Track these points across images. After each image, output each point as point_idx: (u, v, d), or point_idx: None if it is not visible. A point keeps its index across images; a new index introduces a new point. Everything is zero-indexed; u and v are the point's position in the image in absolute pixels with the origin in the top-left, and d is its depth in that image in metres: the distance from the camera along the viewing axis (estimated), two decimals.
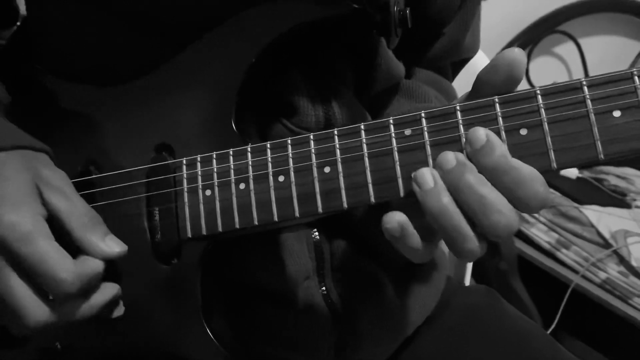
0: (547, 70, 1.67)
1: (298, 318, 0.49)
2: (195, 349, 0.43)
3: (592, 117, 0.34)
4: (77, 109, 0.48)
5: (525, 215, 1.33)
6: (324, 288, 0.50)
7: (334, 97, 0.48)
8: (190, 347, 0.43)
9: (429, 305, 0.58)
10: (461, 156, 0.35)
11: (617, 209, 1.30)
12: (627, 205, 1.34)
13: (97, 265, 0.40)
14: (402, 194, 0.38)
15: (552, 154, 0.34)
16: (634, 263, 1.15)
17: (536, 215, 1.31)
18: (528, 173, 0.33)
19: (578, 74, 1.71)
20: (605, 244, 1.21)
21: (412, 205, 0.36)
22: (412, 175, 0.36)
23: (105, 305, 0.41)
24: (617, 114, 0.34)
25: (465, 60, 0.65)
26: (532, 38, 1.58)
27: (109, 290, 0.42)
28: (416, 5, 0.49)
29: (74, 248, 0.40)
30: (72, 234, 0.40)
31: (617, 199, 1.36)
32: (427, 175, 0.35)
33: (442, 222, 0.34)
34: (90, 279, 0.39)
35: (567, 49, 1.67)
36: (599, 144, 0.34)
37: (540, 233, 1.29)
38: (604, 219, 1.25)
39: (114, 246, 0.41)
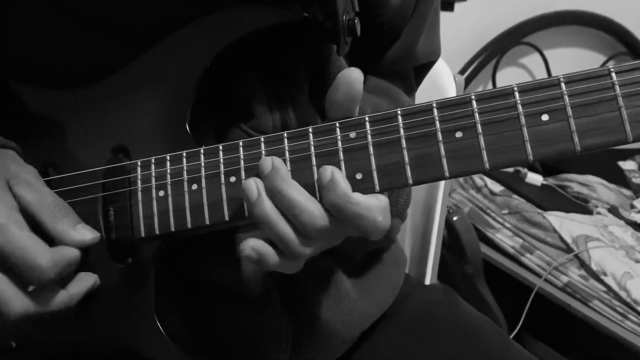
0: (514, 80, 1.70)
1: (255, 314, 0.50)
2: (149, 347, 0.44)
3: (522, 120, 0.36)
4: (36, 111, 0.49)
5: (491, 221, 1.36)
6: (281, 284, 0.51)
7: (290, 102, 0.50)
8: (144, 345, 0.44)
9: (386, 300, 0.60)
10: (277, 161, 0.38)
11: (579, 215, 1.34)
12: (589, 212, 1.37)
13: (73, 251, 0.40)
14: None
15: (484, 155, 0.36)
16: (593, 267, 1.19)
17: (501, 220, 1.35)
18: (365, 207, 0.37)
19: None
20: (567, 249, 1.24)
21: None
22: (242, 186, 0.38)
23: (84, 294, 0.42)
24: (545, 117, 0.36)
25: (428, 65, 0.66)
26: (498, 49, 1.62)
27: (87, 280, 0.42)
28: (367, 13, 0.51)
29: (48, 240, 0.40)
30: (44, 225, 0.41)
31: (580, 206, 1.40)
32: (252, 186, 0.38)
33: (267, 228, 0.38)
34: (67, 265, 0.40)
35: (532, 59, 1.72)
36: (528, 145, 0.36)
37: (505, 238, 1.32)
38: (566, 224, 1.29)
39: (86, 233, 0.42)
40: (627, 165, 1.64)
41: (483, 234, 1.34)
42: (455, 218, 1.25)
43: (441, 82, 0.84)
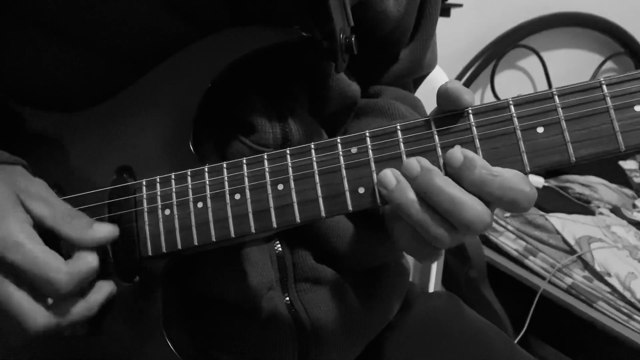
0: (512, 83, 1.72)
1: (261, 328, 0.51)
2: None
3: (519, 133, 0.37)
4: (40, 134, 0.50)
5: (494, 224, 1.36)
6: (287, 298, 0.52)
7: (290, 115, 0.51)
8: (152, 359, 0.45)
9: (391, 310, 0.61)
10: (424, 161, 0.37)
11: (581, 216, 1.34)
12: (591, 212, 1.38)
13: (90, 261, 0.41)
14: (350, 207, 0.40)
15: None
16: (597, 268, 1.19)
17: (504, 223, 1.35)
18: (511, 176, 0.36)
19: (542, 86, 1.77)
20: (570, 250, 1.25)
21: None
22: (377, 179, 0.39)
23: (103, 303, 0.42)
24: (540, 130, 0.37)
25: (425, 76, 0.69)
26: (496, 53, 1.63)
27: (105, 288, 0.43)
28: (367, 27, 0.52)
29: (65, 252, 0.41)
30: (60, 234, 0.41)
31: (582, 207, 1.40)
32: (389, 176, 0.38)
33: (408, 213, 0.37)
34: (84, 276, 0.40)
35: (530, 62, 1.73)
36: (525, 157, 0.37)
37: (508, 241, 1.33)
38: (569, 226, 1.29)
39: (103, 230, 0.42)
40: (628, 164, 1.65)
41: (486, 237, 1.34)
42: None
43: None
